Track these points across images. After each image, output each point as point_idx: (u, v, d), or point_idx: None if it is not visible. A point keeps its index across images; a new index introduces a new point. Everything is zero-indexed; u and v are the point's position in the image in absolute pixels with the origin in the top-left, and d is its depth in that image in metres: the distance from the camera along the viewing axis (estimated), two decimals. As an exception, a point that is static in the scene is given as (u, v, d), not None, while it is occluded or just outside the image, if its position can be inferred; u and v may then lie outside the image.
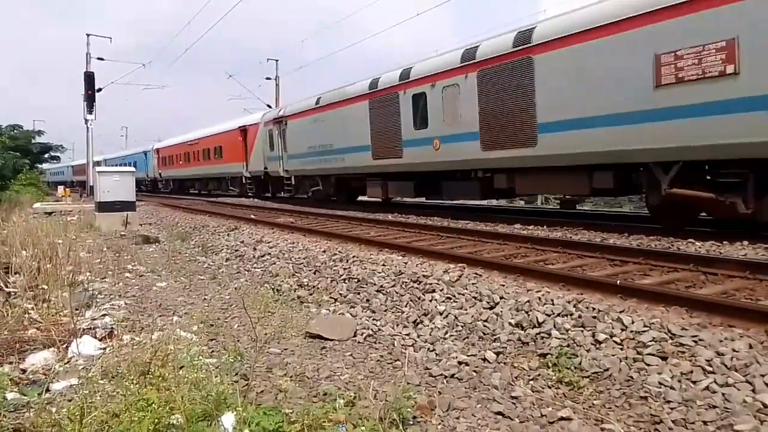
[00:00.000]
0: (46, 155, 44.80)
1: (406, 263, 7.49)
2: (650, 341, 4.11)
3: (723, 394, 3.39)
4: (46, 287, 6.42)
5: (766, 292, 5.31)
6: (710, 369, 3.65)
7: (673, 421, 3.26)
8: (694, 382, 3.58)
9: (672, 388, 3.56)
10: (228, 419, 2.85)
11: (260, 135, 24.82)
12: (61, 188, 33.47)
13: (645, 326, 4.32)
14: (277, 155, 22.61)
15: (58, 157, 50.13)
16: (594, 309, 4.79)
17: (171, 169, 40.88)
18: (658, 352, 3.97)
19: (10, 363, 4.25)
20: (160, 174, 43.64)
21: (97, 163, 54.15)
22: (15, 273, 7.09)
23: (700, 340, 3.99)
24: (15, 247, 8.28)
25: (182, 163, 37.65)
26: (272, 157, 23.22)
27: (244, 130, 27.37)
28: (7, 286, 6.58)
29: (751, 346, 3.85)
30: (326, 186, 19.98)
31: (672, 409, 3.38)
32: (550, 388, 3.92)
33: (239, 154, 27.71)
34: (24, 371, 4.16)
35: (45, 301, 5.99)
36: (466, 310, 5.47)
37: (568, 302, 5.01)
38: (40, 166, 46.22)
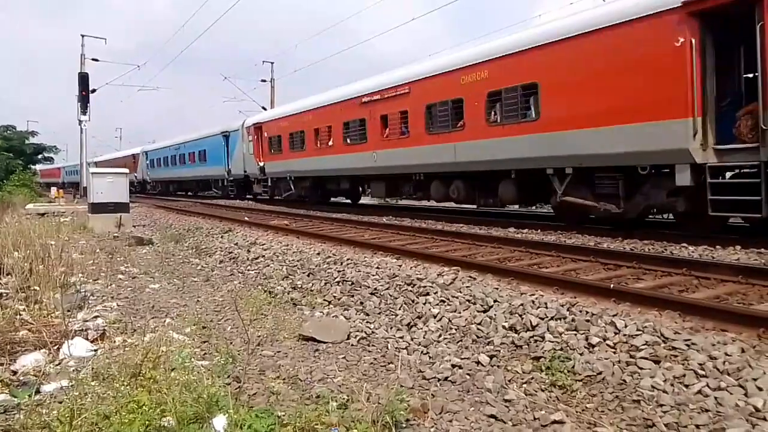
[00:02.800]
0: (40, 156, 44.63)
1: (400, 266, 7.48)
2: (643, 345, 4.12)
3: (715, 398, 3.39)
4: (38, 288, 6.38)
5: (758, 297, 5.34)
6: (703, 373, 3.66)
7: (665, 425, 3.26)
8: (686, 386, 3.58)
9: (665, 391, 3.56)
10: (220, 421, 2.84)
11: None
12: (54, 189, 33.31)
13: (638, 330, 4.33)
14: None
15: (52, 158, 49.89)
16: (587, 312, 4.79)
17: (294, 158, 21.51)
18: (651, 355, 3.97)
19: (1, 364, 4.21)
20: (261, 168, 24.49)
21: (133, 157, 47.75)
22: (7, 274, 7.04)
23: (693, 344, 4.00)
24: (7, 248, 8.23)
25: (331, 146, 18.98)
26: None
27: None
28: (-2, 287, 6.53)
29: (743, 350, 3.86)
30: None
31: (664, 412, 3.38)
32: (543, 391, 3.92)
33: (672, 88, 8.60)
34: (15, 372, 4.12)
35: (37, 302, 5.94)
36: (459, 313, 5.47)
37: (562, 306, 5.02)
38: (33, 167, 45.96)
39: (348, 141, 17.94)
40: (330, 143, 18.97)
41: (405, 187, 16.56)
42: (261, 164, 24.45)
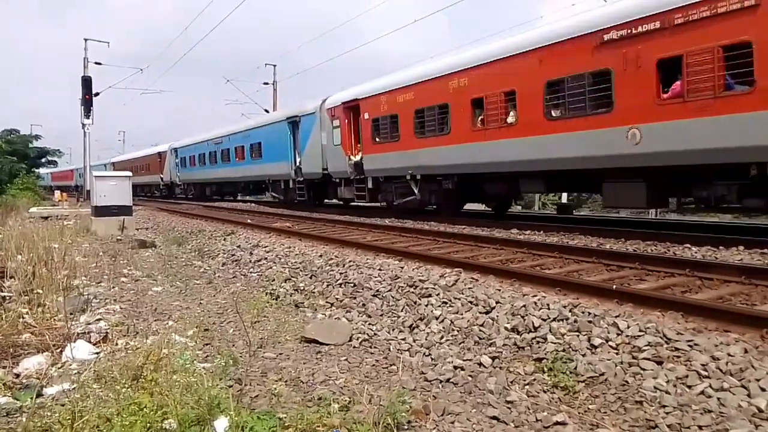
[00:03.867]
0: (43, 159, 44.77)
1: (402, 268, 7.48)
2: (646, 346, 4.11)
3: (718, 399, 3.38)
4: (41, 291, 6.39)
5: (761, 297, 5.32)
6: (705, 373, 3.65)
7: (668, 426, 3.25)
8: (689, 387, 3.57)
9: (667, 392, 3.55)
10: (221, 424, 2.84)
11: None
12: (57, 192, 33.39)
13: (641, 331, 4.31)
14: None
15: (56, 161, 49.97)
16: (590, 314, 4.78)
17: (425, 147, 14.33)
18: (654, 356, 3.96)
19: (4, 367, 4.23)
20: (356, 164, 17.27)
21: (159, 156, 40.21)
22: (10, 277, 7.07)
23: (696, 344, 3.99)
24: (10, 252, 8.25)
25: (511, 124, 11.78)
26: None
27: None
28: (1, 290, 6.56)
29: (746, 351, 3.85)
30: None
31: (667, 413, 3.37)
32: (545, 392, 3.91)
33: None
34: (17, 375, 4.13)
35: (40, 305, 5.96)
36: (462, 314, 5.46)
37: (564, 307, 5.01)
38: (38, 170, 46.00)
39: (555, 113, 10.88)
40: (510, 119, 11.73)
41: (714, 190, 8.93)
42: (355, 159, 17.12)
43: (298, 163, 21.14)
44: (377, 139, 16.23)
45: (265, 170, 24.03)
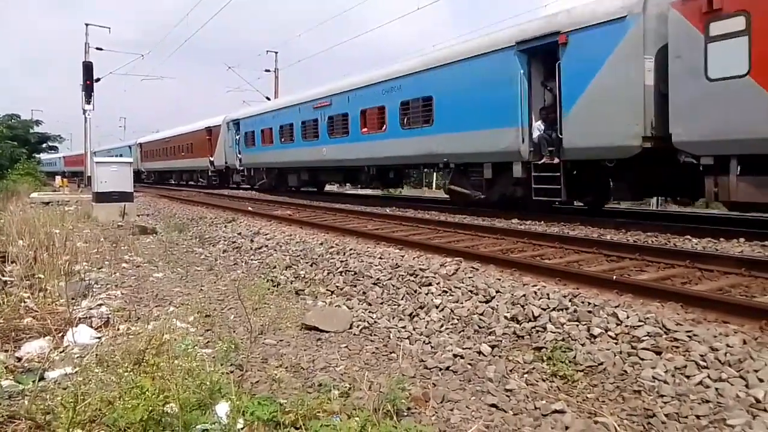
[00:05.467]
0: (44, 145, 44.68)
1: (403, 256, 7.49)
2: (645, 336, 4.12)
3: (716, 389, 3.40)
4: (42, 276, 6.42)
5: (761, 289, 5.33)
6: (704, 364, 3.67)
7: (666, 415, 3.27)
8: (687, 377, 3.59)
9: (665, 382, 3.57)
10: (222, 408, 2.86)
11: None
12: (58, 178, 33.36)
13: (640, 321, 4.33)
14: None
15: (56, 147, 49.84)
16: (589, 304, 4.80)
17: None
18: (653, 346, 3.98)
19: (6, 351, 4.26)
20: None
21: (208, 132, 30.50)
22: (11, 262, 7.09)
23: (695, 335, 4.01)
24: (12, 237, 8.27)
25: None
26: None
27: None
28: (3, 275, 6.58)
29: (745, 342, 3.86)
30: None
31: (665, 403, 3.39)
32: (544, 381, 3.93)
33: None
34: (19, 359, 4.16)
35: (41, 290, 5.99)
36: (462, 303, 5.48)
37: (564, 297, 5.02)
38: (38, 155, 45.89)
39: None
40: None
41: None
42: None
43: (544, 131, 11.28)
44: None
45: (441, 146, 13.50)
